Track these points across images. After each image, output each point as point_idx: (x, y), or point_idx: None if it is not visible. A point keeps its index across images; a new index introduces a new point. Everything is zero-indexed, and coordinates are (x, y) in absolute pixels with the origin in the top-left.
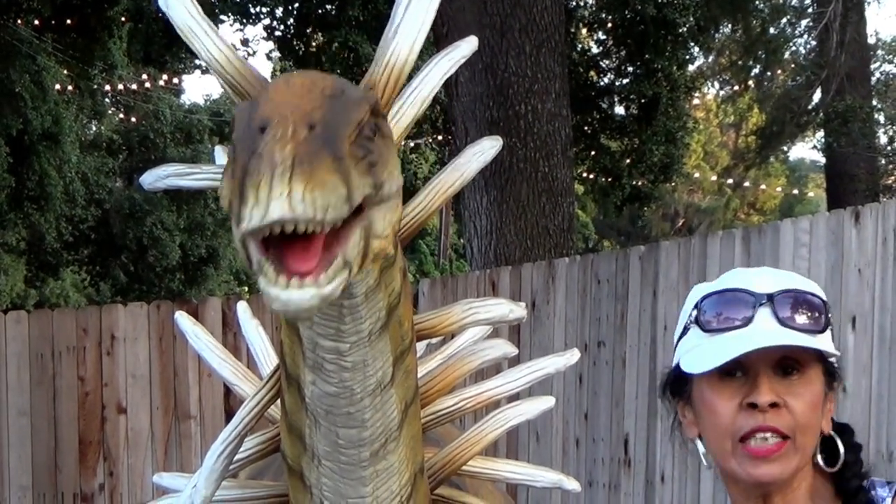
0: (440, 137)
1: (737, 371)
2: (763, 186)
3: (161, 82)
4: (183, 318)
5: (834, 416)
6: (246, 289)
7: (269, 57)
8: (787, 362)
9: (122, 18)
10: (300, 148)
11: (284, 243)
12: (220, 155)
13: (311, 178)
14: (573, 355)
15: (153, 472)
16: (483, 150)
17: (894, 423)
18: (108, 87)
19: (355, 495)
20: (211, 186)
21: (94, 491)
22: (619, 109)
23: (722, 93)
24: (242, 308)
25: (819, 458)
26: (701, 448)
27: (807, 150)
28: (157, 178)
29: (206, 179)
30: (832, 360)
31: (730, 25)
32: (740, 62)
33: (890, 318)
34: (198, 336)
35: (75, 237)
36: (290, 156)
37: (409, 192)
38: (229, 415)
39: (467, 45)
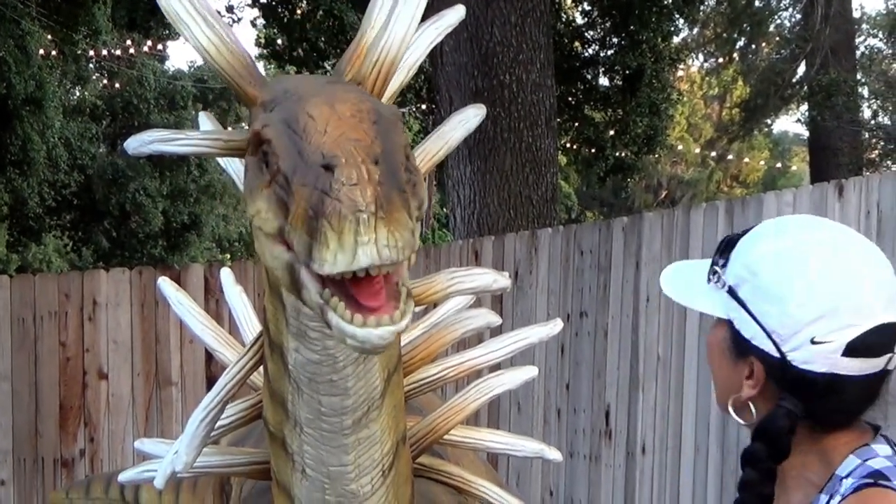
0: (424, 106)
1: None
2: (746, 159)
3: (145, 48)
4: (166, 284)
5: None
6: (228, 256)
7: (253, 24)
8: None
9: None
10: (378, 190)
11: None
12: (205, 121)
13: (390, 220)
14: (556, 325)
15: (134, 439)
16: (468, 119)
17: None
18: (91, 53)
19: (337, 463)
20: (195, 153)
21: (74, 456)
22: (604, 80)
23: (706, 65)
24: (226, 274)
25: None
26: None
27: (790, 123)
28: (142, 143)
29: (191, 145)
30: (740, 328)
31: None
32: (725, 35)
33: None
34: (180, 302)
35: (58, 202)
36: (372, 200)
37: None
38: (210, 381)
39: (454, 14)
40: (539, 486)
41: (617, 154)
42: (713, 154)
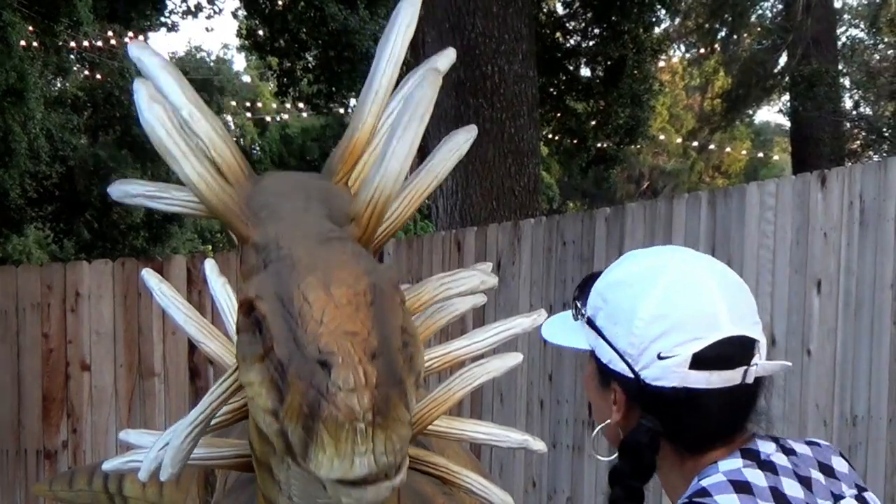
0: None
1: None
2: (728, 149)
3: (127, 39)
4: (149, 276)
5: (799, 380)
6: (210, 247)
7: (234, 15)
8: None
9: None
10: (375, 394)
11: None
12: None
13: (388, 424)
14: (540, 316)
15: (117, 430)
16: (458, 146)
17: (858, 387)
18: (73, 44)
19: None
20: (181, 212)
21: (57, 448)
22: (586, 71)
23: (688, 56)
24: (210, 266)
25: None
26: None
27: (772, 113)
28: (125, 194)
29: (175, 205)
30: (600, 356)
31: None
32: (706, 25)
33: (855, 282)
34: (164, 293)
35: (39, 194)
36: (369, 408)
37: None
38: (193, 372)
39: (445, 60)
40: (522, 476)
41: (599, 145)
42: (695, 144)
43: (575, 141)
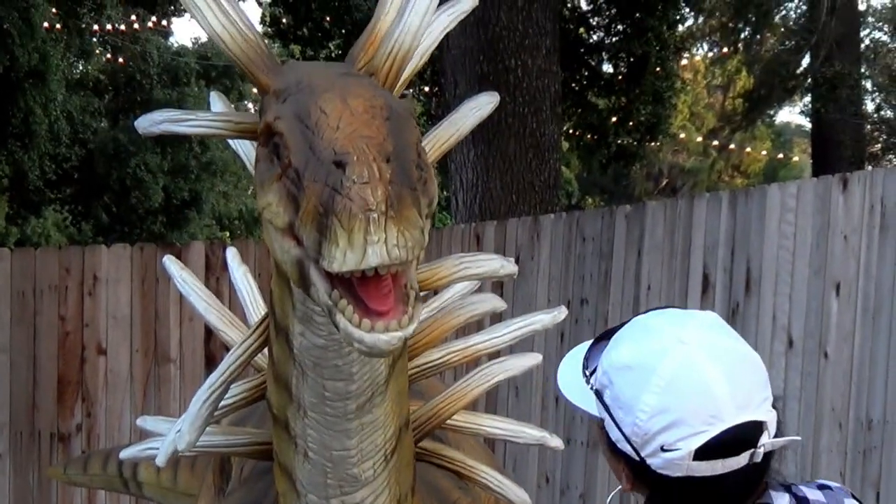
0: (427, 89)
1: None
2: (748, 149)
3: (149, 24)
4: (171, 262)
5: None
6: (227, 233)
7: (259, 2)
8: None
9: None
10: (389, 189)
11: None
12: (216, 101)
13: (400, 219)
14: (560, 312)
15: (131, 414)
16: (480, 106)
17: (874, 391)
18: (96, 27)
19: (340, 447)
20: (205, 134)
21: (71, 431)
22: (608, 67)
23: (711, 54)
24: (232, 254)
25: None
26: None
27: (793, 114)
28: (152, 123)
29: (201, 126)
30: (608, 431)
31: None
32: (730, 24)
33: (874, 286)
34: (185, 280)
35: (58, 176)
36: (383, 200)
37: None
38: (209, 359)
39: (468, 1)
40: (535, 472)
41: (619, 141)
42: (715, 143)
43: (595, 137)
